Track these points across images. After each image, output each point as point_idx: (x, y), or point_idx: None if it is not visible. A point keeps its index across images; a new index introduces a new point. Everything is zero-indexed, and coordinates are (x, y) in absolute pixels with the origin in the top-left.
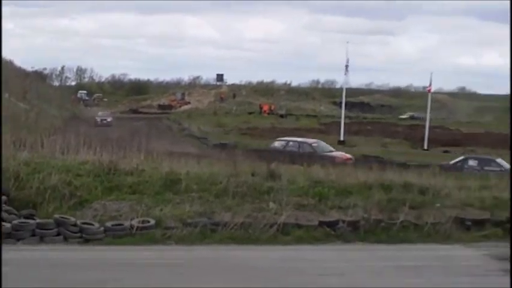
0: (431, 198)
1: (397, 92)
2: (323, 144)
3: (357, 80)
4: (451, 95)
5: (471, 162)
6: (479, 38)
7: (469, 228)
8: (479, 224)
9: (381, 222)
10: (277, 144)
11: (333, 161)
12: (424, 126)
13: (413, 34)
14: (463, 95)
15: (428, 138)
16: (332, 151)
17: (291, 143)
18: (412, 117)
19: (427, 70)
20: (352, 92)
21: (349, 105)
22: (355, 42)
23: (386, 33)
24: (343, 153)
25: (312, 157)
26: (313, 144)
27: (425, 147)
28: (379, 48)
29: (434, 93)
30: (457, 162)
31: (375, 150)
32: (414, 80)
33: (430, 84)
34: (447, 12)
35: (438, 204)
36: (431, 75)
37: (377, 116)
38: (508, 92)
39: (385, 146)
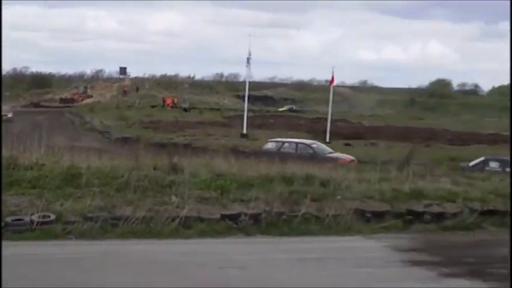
0: (332, 191)
1: (300, 86)
2: (322, 145)
3: (261, 74)
4: (353, 88)
5: (492, 164)
6: (381, 33)
7: (369, 220)
8: (379, 215)
9: (282, 215)
10: (270, 145)
11: (336, 163)
12: (326, 119)
13: (316, 28)
14: (364, 89)
15: (330, 131)
16: (332, 152)
17: (286, 144)
18: (291, 110)
19: (330, 64)
20: (255, 85)
21: (253, 99)
22: (259, 35)
23: (289, 27)
24: (346, 155)
25: (314, 159)
26: (312, 145)
27: (327, 140)
28: (283, 42)
29: (337, 86)
30: (477, 163)
31: None
32: (317, 74)
33: (332, 78)
34: (351, 7)
35: (339, 197)
36: (333, 69)
37: None
38: (408, 85)
39: None
